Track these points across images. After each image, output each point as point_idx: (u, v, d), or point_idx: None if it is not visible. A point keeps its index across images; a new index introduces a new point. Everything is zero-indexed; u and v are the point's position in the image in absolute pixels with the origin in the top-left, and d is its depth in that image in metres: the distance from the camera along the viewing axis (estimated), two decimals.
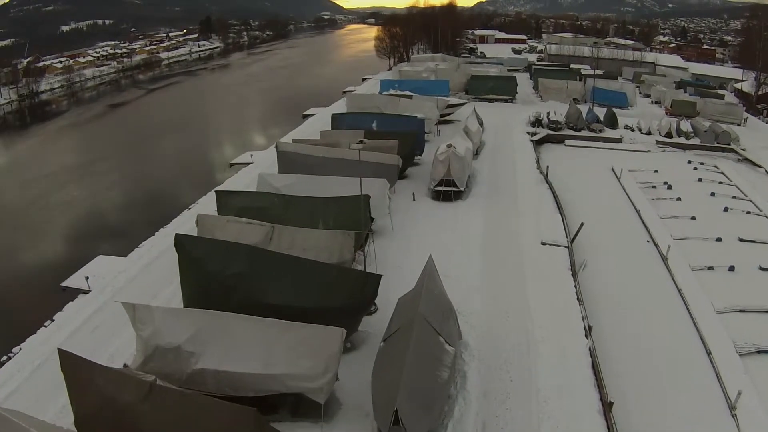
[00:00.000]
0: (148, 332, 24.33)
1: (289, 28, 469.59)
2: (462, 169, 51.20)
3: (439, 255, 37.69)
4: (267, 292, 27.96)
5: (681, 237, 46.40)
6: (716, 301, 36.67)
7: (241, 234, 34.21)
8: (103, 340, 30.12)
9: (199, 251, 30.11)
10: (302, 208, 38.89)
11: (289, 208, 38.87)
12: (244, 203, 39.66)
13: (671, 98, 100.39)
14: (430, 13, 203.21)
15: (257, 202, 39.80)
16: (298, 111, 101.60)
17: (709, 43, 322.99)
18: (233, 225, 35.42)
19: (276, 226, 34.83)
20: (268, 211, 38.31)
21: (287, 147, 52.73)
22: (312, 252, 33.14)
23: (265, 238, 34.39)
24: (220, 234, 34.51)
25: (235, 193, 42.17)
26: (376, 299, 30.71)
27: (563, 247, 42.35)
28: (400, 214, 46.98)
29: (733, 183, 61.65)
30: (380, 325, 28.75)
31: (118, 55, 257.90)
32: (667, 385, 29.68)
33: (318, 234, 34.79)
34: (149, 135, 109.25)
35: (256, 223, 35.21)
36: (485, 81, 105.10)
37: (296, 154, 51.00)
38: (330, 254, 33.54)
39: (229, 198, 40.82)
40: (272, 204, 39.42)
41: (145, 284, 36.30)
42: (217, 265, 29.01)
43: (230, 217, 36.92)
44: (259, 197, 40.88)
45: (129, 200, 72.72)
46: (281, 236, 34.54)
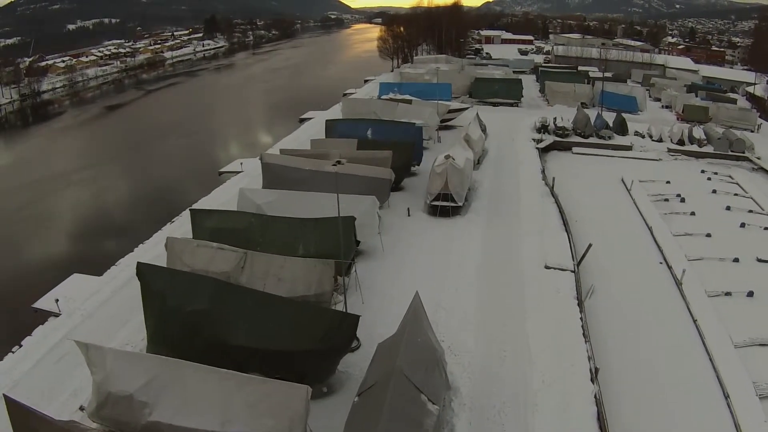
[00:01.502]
0: (101, 377, 22.27)
1: (296, 28, 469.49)
2: (461, 182, 47.78)
3: (432, 282, 35.85)
4: (233, 333, 25.64)
5: (696, 258, 43.15)
6: (735, 333, 33.73)
7: (212, 260, 31.66)
8: (67, 371, 27.56)
9: (161, 283, 27.68)
10: (282, 229, 36.10)
11: (267, 230, 36.14)
12: (220, 223, 36.82)
13: (683, 103, 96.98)
14: (435, 13, 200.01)
15: (233, 223, 36.94)
16: (296, 114, 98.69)
17: (718, 44, 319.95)
18: (203, 250, 32.52)
19: (249, 253, 31.90)
20: (245, 232, 35.80)
21: (272, 159, 49.53)
22: (287, 283, 30.61)
23: (237, 265, 31.56)
24: (189, 260, 31.92)
25: (211, 212, 39.05)
26: (361, 328, 27.70)
27: (569, 271, 38.81)
28: (393, 232, 43.84)
29: (748, 195, 58.58)
30: (363, 363, 25.95)
31: (121, 55, 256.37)
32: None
33: (294, 263, 31.63)
34: (142, 140, 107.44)
35: (228, 248, 32.25)
36: (490, 84, 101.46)
37: (282, 167, 47.86)
38: (307, 285, 30.76)
39: (205, 217, 37.86)
40: (249, 225, 36.62)
41: (116, 309, 33.57)
42: (179, 300, 26.65)
43: (200, 241, 34.01)
44: (235, 217, 37.90)
45: (112, 212, 70.79)
46: (254, 264, 31.65)
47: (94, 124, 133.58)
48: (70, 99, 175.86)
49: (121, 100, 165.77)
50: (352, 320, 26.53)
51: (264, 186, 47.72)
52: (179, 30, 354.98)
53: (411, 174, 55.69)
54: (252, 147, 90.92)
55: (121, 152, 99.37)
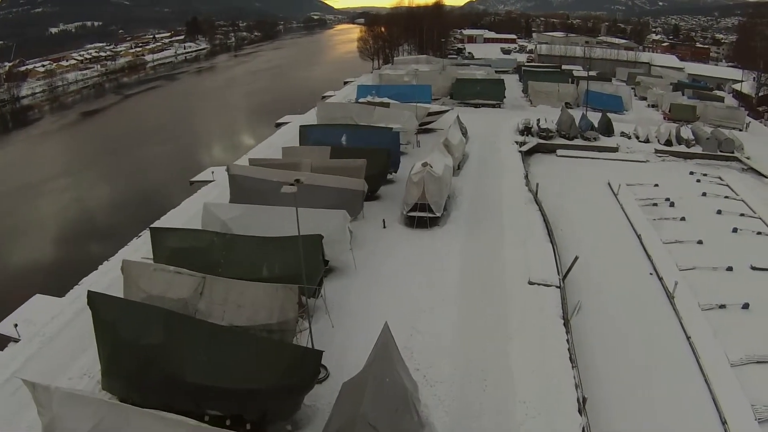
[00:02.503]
0: (48, 419, 20.53)
1: (278, 29, 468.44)
2: (439, 191, 45.23)
3: (407, 302, 34.03)
4: (188, 368, 23.74)
5: (688, 267, 41.44)
6: (730, 350, 32.09)
7: (169, 286, 29.18)
8: (23, 405, 25.02)
9: (113, 313, 25.68)
10: (245, 249, 33.74)
11: (230, 250, 33.79)
12: (181, 242, 34.40)
13: (669, 102, 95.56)
14: (417, 13, 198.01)
15: (194, 242, 34.46)
16: (273, 119, 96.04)
17: (702, 41, 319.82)
18: (160, 274, 29.98)
19: (208, 278, 29.41)
20: (207, 252, 33.48)
21: (239, 170, 46.85)
22: (248, 310, 28.27)
23: (195, 291, 29.07)
24: (146, 285, 29.44)
25: (171, 231, 36.57)
26: (331, 355, 27.28)
27: (554, 286, 36.56)
28: (367, 246, 41.42)
29: (740, 197, 57.11)
30: (332, 395, 23.63)
31: (102, 58, 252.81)
32: None
33: (255, 288, 29.10)
34: (116, 147, 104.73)
35: (186, 273, 29.71)
36: (471, 84, 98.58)
37: (249, 179, 45.25)
38: (269, 313, 28.25)
39: (165, 236, 35.38)
40: (211, 244, 34.16)
41: (77, 333, 31.17)
42: (131, 332, 24.75)
43: (157, 264, 31.54)
44: (197, 236, 35.34)
45: (80, 226, 68.34)
46: (213, 289, 29.18)
47: (71, 131, 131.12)
48: (50, 104, 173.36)
49: (99, 105, 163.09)
50: (314, 356, 24.64)
51: (231, 199, 45.34)
52: (161, 32, 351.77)
53: (388, 182, 53.39)
54: (225, 154, 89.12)
55: (95, 160, 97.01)
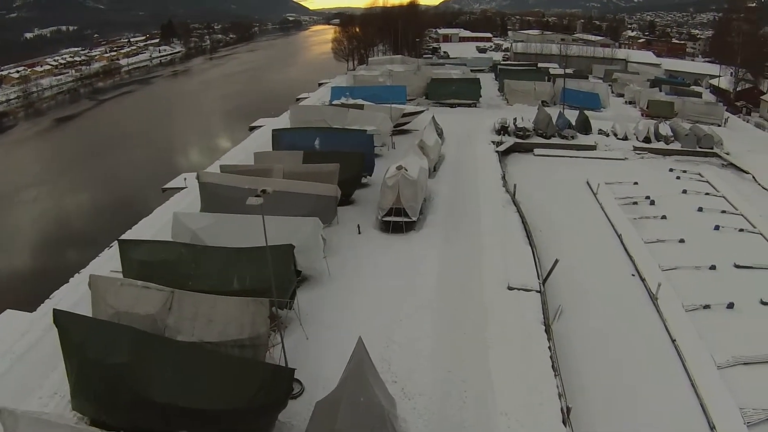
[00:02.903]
0: None
1: (254, 31, 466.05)
2: (414, 195, 44.07)
3: (383, 311, 33.27)
4: (156, 389, 22.91)
5: (670, 267, 40.95)
6: (717, 352, 31.45)
7: (137, 301, 27.94)
8: None
9: (79, 333, 24.78)
10: (214, 260, 32.53)
11: (199, 262, 32.55)
12: (150, 255, 33.08)
13: (647, 98, 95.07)
14: (391, 13, 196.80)
15: (163, 254, 33.21)
16: (247, 122, 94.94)
17: (678, 37, 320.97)
18: (127, 289, 28.70)
19: (176, 292, 28.19)
20: (176, 265, 32.26)
21: (210, 178, 45.53)
22: (218, 325, 27.11)
23: (163, 306, 27.81)
24: (113, 300, 28.22)
25: (139, 243, 35.25)
26: (306, 368, 27.18)
27: (534, 291, 35.50)
28: (342, 253, 40.19)
29: (720, 194, 56.86)
30: (308, 411, 22.96)
31: (76, 63, 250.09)
32: None
33: (225, 302, 27.93)
34: (89, 154, 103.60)
35: (153, 287, 28.47)
36: (447, 84, 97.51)
37: (220, 187, 43.92)
38: (240, 327, 27.07)
39: (133, 249, 34.00)
40: (180, 256, 32.94)
41: (48, 350, 29.64)
42: (98, 352, 23.79)
43: (124, 279, 30.52)
44: (166, 248, 34.13)
45: (51, 236, 66.85)
46: (182, 304, 27.95)
47: (44, 138, 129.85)
48: (25, 110, 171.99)
49: (73, 111, 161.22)
50: (286, 374, 24.20)
51: (202, 208, 44.17)
52: (136, 36, 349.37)
53: (362, 185, 52.16)
54: (199, 159, 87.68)
55: (68, 168, 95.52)
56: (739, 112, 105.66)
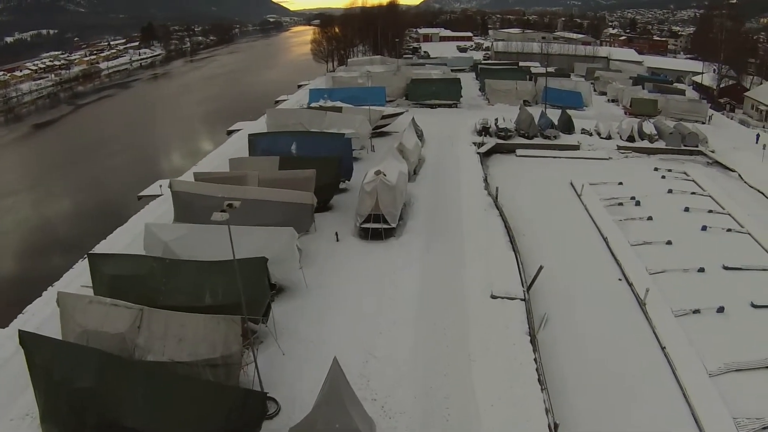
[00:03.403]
0: None
1: (234, 33, 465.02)
2: (393, 200, 42.75)
3: (362, 323, 32.02)
4: (124, 414, 22.44)
5: (658, 270, 40.42)
6: (708, 359, 30.72)
7: (106, 319, 26.74)
8: None
9: (45, 355, 23.99)
10: (186, 275, 31.08)
11: (170, 276, 31.07)
12: (120, 270, 31.54)
13: (630, 96, 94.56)
14: (371, 13, 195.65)
15: (133, 269, 31.62)
16: (225, 126, 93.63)
17: (659, 34, 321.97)
18: (96, 307, 27.45)
19: (145, 310, 26.96)
20: (147, 279, 30.83)
21: (182, 186, 43.89)
22: (189, 344, 26.09)
23: (132, 325, 26.63)
24: (82, 318, 27.07)
25: (109, 257, 33.67)
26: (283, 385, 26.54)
27: (519, 299, 34.30)
28: (319, 262, 38.94)
29: (706, 193, 56.55)
30: None
31: (56, 67, 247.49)
32: None
33: (196, 320, 26.76)
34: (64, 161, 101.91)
35: (122, 305, 27.21)
36: (427, 85, 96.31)
37: (193, 196, 42.29)
38: (212, 346, 26.00)
39: (103, 263, 32.43)
40: (151, 271, 31.41)
41: (19, 370, 27.69)
42: (65, 375, 23.09)
43: (92, 296, 29.25)
44: (136, 262, 32.51)
45: (25, 247, 65.57)
46: (152, 322, 26.78)
47: (21, 144, 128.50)
48: (4, 116, 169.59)
49: (51, 116, 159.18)
50: (257, 398, 24.19)
51: (175, 218, 42.68)
52: (117, 39, 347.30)
53: (341, 191, 50.89)
54: (175, 165, 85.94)
55: (43, 176, 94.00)
56: (723, 109, 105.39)
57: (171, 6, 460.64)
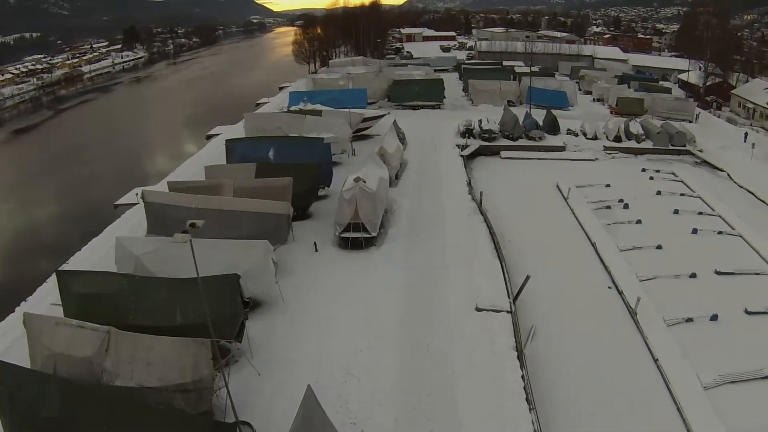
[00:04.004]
0: None
1: (217, 34, 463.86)
2: (373, 208, 41.15)
3: (341, 339, 30.60)
4: None
5: (649, 277, 39.36)
6: (702, 370, 29.66)
7: (72, 342, 25.37)
8: None
9: (10, 383, 22.75)
10: (156, 293, 29.40)
11: (140, 295, 29.36)
12: (89, 287, 29.89)
13: (616, 95, 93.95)
14: (353, 13, 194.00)
15: (102, 286, 29.93)
16: (204, 131, 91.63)
17: (643, 31, 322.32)
18: (63, 329, 25.97)
19: (112, 332, 25.41)
20: (116, 298, 29.15)
21: (155, 197, 42.12)
22: (158, 368, 24.72)
23: (100, 348, 25.20)
24: (49, 341, 25.69)
25: (79, 275, 31.81)
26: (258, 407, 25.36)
27: (505, 311, 32.92)
28: (297, 273, 37.21)
29: (696, 194, 55.84)
30: None
31: (38, 71, 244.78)
32: None
33: (164, 344, 25.31)
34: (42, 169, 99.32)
35: (89, 326, 25.70)
36: (409, 86, 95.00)
37: (166, 207, 40.63)
38: (181, 371, 24.60)
39: (72, 280, 30.60)
40: (120, 289, 29.68)
41: None
42: (30, 404, 22.22)
43: (59, 318, 27.47)
44: (105, 280, 30.75)
45: None
46: (119, 345, 25.31)
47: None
48: None
49: (32, 121, 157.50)
50: (228, 429, 22.70)
51: (149, 230, 40.99)
52: (100, 42, 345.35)
53: (320, 197, 49.29)
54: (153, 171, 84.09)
55: (18, 185, 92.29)
56: (710, 107, 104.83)
57: (154, 8, 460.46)
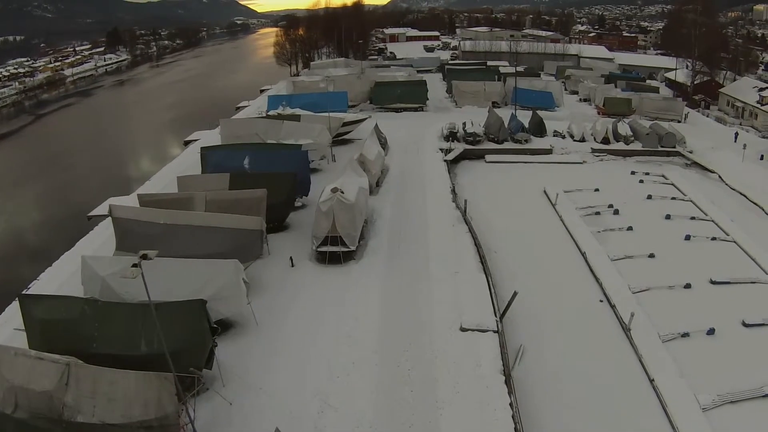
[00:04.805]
0: None
1: (201, 36, 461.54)
2: (352, 220, 39.08)
3: (318, 365, 28.68)
4: None
5: (642, 288, 37.76)
6: (700, 390, 28.17)
7: (32, 374, 23.93)
8: None
9: None
10: (120, 319, 27.52)
11: (103, 321, 27.50)
12: (52, 313, 28.09)
13: (603, 95, 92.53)
14: (335, 14, 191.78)
15: (66, 312, 28.04)
16: (183, 136, 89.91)
17: (628, 30, 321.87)
18: (22, 360, 24.39)
19: (72, 364, 23.80)
20: (78, 324, 27.41)
21: (123, 212, 39.85)
22: (120, 403, 23.26)
23: (60, 381, 23.57)
24: (8, 372, 24.19)
25: (41, 299, 29.92)
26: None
27: (491, 331, 31.01)
28: (272, 291, 35.39)
29: (687, 198, 54.35)
30: None
31: (20, 75, 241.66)
32: None
33: (126, 378, 23.63)
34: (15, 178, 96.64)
35: (48, 358, 24.13)
36: (392, 88, 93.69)
37: (134, 222, 38.41)
38: (144, 407, 23.24)
39: (35, 305, 28.86)
40: (82, 314, 27.78)
41: None
42: None
43: (17, 348, 25.78)
44: (67, 305, 28.66)
45: None
46: (80, 379, 23.65)
47: None
48: None
49: (10, 127, 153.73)
50: None
51: (117, 246, 38.67)
52: (83, 44, 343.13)
53: (297, 207, 47.24)
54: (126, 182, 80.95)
55: None
56: (698, 106, 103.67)
57: (138, 9, 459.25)
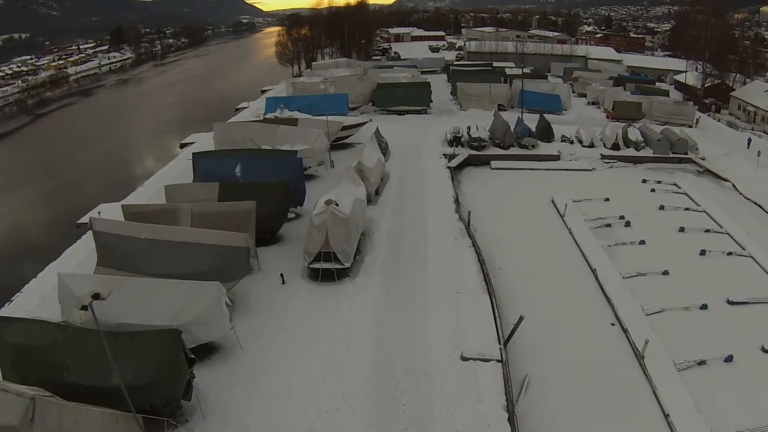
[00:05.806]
0: None
1: (206, 34, 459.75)
2: (346, 235, 36.63)
3: (306, 398, 26.48)
4: None
5: (656, 310, 35.56)
6: (719, 427, 26.14)
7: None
8: None
9: None
10: (92, 347, 24.61)
11: (75, 349, 25.16)
12: (23, 338, 25.74)
13: (612, 98, 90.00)
14: (338, 13, 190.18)
15: (37, 338, 25.72)
16: (179, 138, 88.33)
17: (635, 30, 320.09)
18: None
19: (38, 400, 21.27)
20: (49, 352, 25.07)
21: (103, 225, 37.17)
22: None
23: (24, 416, 21.04)
24: None
25: (13, 323, 27.30)
26: None
27: (494, 360, 28.68)
28: (259, 311, 33.08)
29: (701, 208, 52.36)
30: None
31: (23, 73, 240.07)
32: None
33: (92, 416, 21.87)
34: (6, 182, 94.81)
35: (12, 390, 21.52)
36: (394, 90, 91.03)
37: (115, 237, 35.75)
38: None
39: (6, 329, 26.37)
40: (53, 341, 25.44)
41: None
42: None
43: None
44: (38, 330, 26.20)
45: None
46: (45, 414, 21.30)
47: None
48: None
49: (8, 127, 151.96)
50: None
51: (99, 262, 36.02)
52: (88, 42, 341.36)
53: (291, 218, 44.88)
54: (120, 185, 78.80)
55: None
56: (708, 110, 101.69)
57: (144, 8, 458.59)
